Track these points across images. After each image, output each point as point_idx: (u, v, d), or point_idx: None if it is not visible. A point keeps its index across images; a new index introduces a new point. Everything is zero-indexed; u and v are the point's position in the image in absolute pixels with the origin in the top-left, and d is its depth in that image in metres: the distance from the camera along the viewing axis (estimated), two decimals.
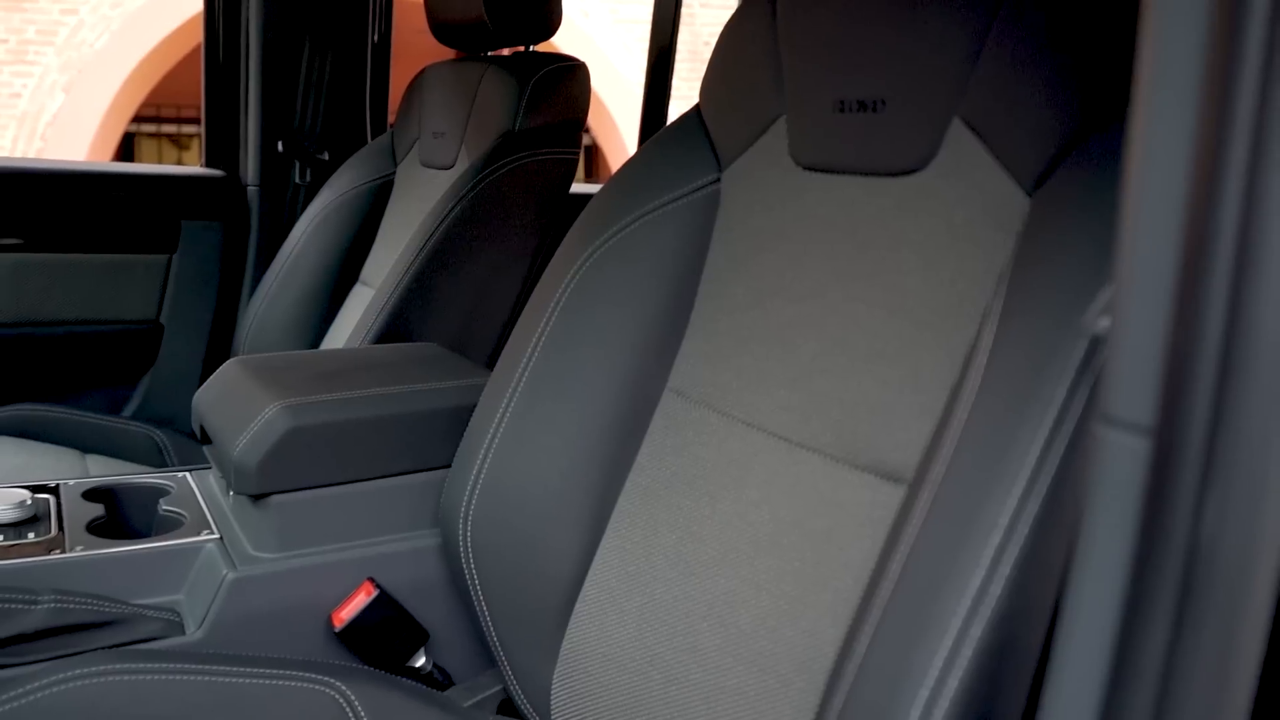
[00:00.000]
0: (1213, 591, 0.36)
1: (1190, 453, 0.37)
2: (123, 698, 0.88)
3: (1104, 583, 0.38)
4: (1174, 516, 0.37)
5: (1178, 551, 0.37)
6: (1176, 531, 0.37)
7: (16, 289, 1.86)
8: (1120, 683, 0.37)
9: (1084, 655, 0.38)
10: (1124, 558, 0.38)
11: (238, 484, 1.04)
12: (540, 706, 1.01)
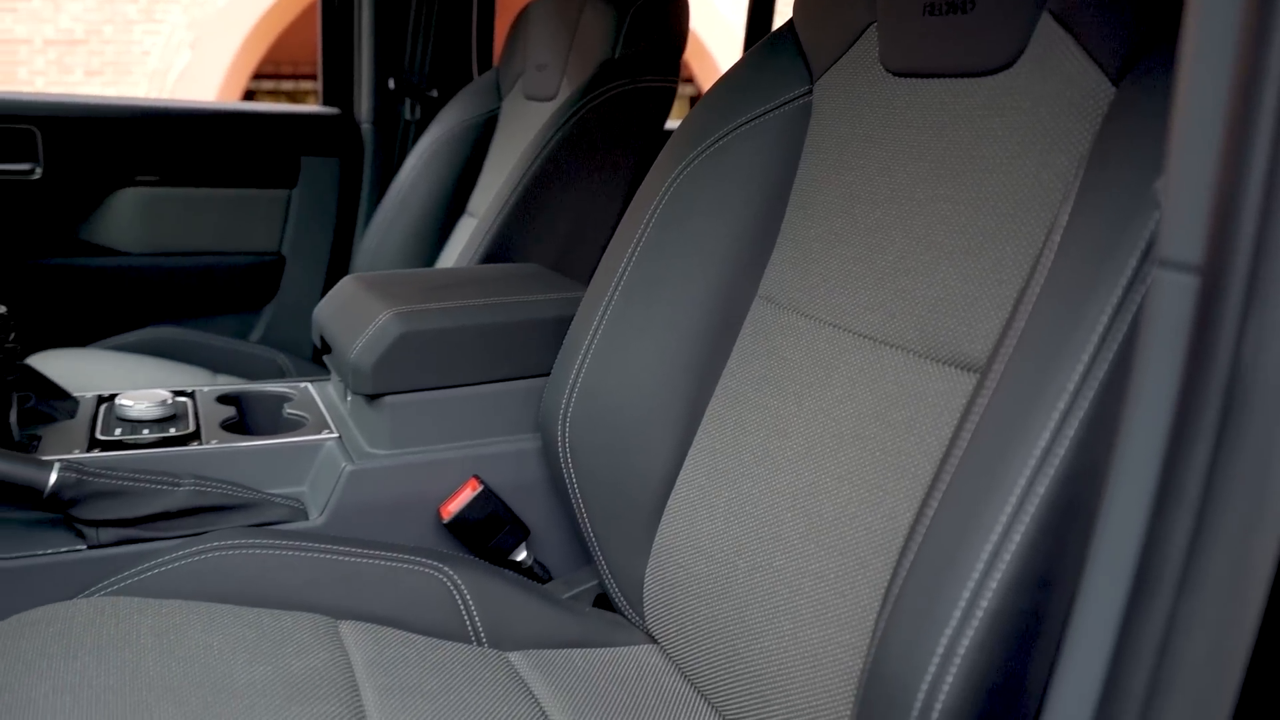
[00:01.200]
0: (1252, 410, 0.38)
1: (1233, 286, 0.39)
2: (254, 569, 0.97)
3: (1154, 408, 0.41)
4: (1218, 344, 0.39)
5: (1220, 375, 0.39)
6: (1220, 357, 0.39)
7: (153, 221, 2.00)
8: (1166, 493, 0.40)
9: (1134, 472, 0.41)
10: (1173, 385, 0.40)
11: (355, 384, 1.12)
12: (633, 599, 1.07)
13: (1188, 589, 0.40)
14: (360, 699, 0.84)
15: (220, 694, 0.78)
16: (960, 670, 0.57)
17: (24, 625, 0.83)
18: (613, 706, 0.94)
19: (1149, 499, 0.41)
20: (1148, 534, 0.41)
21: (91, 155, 1.97)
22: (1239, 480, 0.38)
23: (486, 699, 0.89)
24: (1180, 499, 0.39)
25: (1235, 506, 0.39)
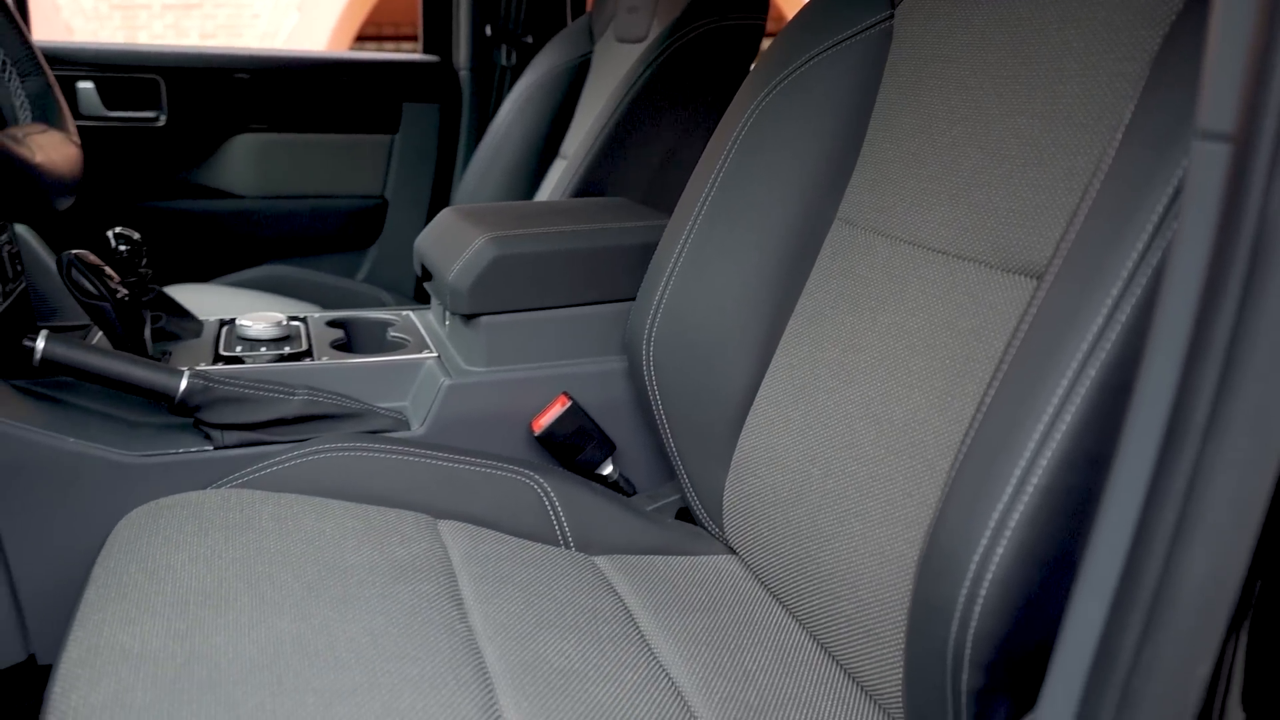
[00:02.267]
0: (1275, 262, 0.41)
1: (1261, 152, 0.41)
2: (361, 469, 1.05)
3: (1189, 267, 0.43)
4: (1246, 205, 0.42)
5: (1248, 233, 0.42)
6: (1248, 217, 0.42)
7: (266, 166, 2.11)
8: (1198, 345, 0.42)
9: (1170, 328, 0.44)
10: (1206, 244, 0.43)
11: (453, 305, 1.19)
12: (713, 511, 1.12)
13: (1213, 434, 0.43)
14: (456, 583, 0.91)
15: (333, 570, 0.86)
16: (1010, 543, 0.61)
17: (162, 508, 0.93)
18: (690, 605, 1.00)
19: (1183, 351, 0.44)
20: (1179, 386, 0.44)
21: (210, 104, 2.09)
22: (1264, 328, 0.41)
23: (572, 591, 0.96)
24: (1209, 347, 0.42)
25: (1260, 348, 0.41)
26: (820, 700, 0.87)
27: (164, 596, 0.77)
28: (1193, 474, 0.44)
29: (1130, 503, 0.46)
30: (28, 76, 0.82)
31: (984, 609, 0.62)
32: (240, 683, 0.68)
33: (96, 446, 1.05)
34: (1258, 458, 0.43)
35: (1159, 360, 0.45)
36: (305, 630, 0.76)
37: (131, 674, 0.68)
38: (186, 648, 0.71)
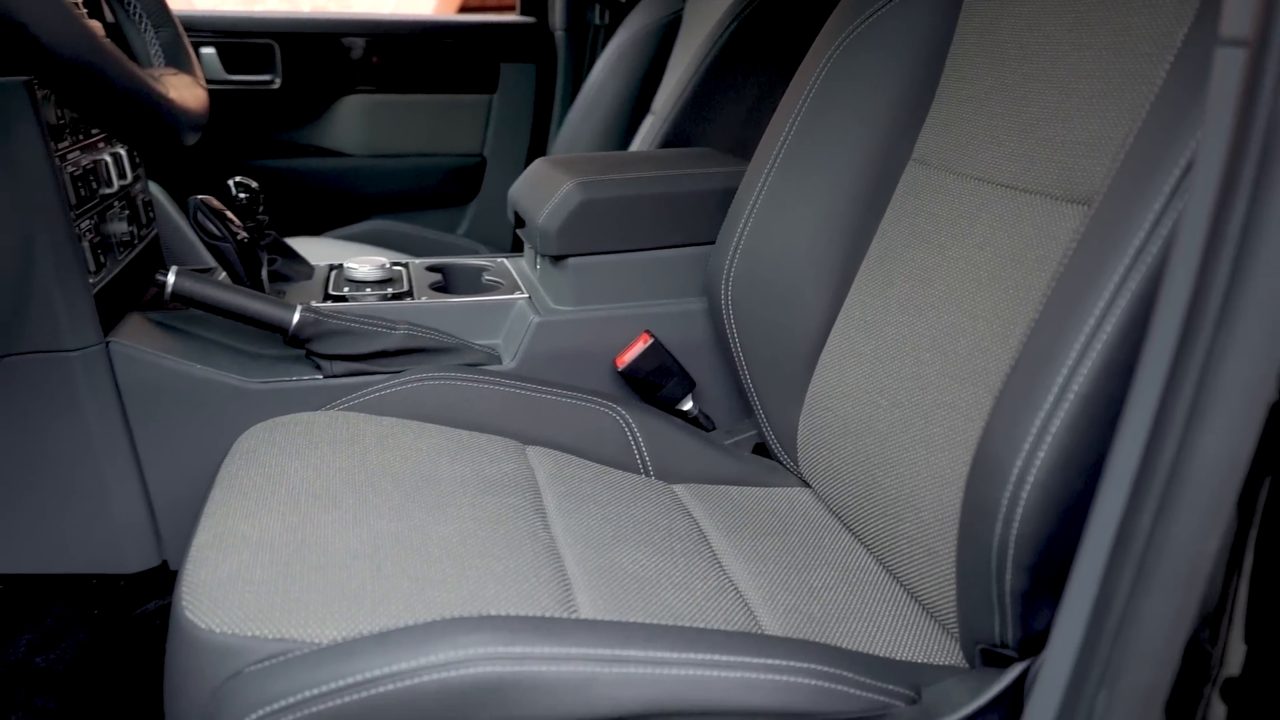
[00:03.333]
0: None
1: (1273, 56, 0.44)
2: (456, 397, 1.13)
3: (1209, 166, 0.46)
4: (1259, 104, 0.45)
5: (1260, 130, 0.44)
6: (1259, 116, 0.44)
7: (371, 126, 2.22)
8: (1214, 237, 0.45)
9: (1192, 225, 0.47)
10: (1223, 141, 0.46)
11: (542, 247, 1.25)
12: (788, 445, 1.16)
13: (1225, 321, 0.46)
14: (541, 498, 0.98)
15: (428, 481, 0.94)
16: (1051, 449, 0.64)
17: (278, 425, 1.02)
18: (761, 529, 1.05)
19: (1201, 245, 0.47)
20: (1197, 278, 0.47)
21: (321, 67, 2.20)
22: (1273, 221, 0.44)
23: (649, 511, 1.02)
24: (1224, 240, 0.45)
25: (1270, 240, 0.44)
26: (880, 614, 0.92)
27: (279, 496, 0.86)
28: (1206, 360, 0.47)
29: (1150, 391, 0.49)
30: (160, 27, 0.91)
31: (1025, 512, 0.65)
32: (344, 567, 0.76)
33: (221, 374, 1.15)
34: (1267, 343, 0.45)
35: (1181, 255, 0.48)
36: (402, 528, 0.83)
37: (251, 556, 0.76)
38: (298, 537, 0.79)
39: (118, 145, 1.25)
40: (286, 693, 0.65)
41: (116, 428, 1.12)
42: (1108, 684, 0.51)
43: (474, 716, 0.65)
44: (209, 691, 0.68)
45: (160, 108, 0.71)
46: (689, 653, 0.69)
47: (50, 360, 1.08)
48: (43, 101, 1.04)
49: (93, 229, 1.13)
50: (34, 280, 1.05)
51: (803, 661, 0.73)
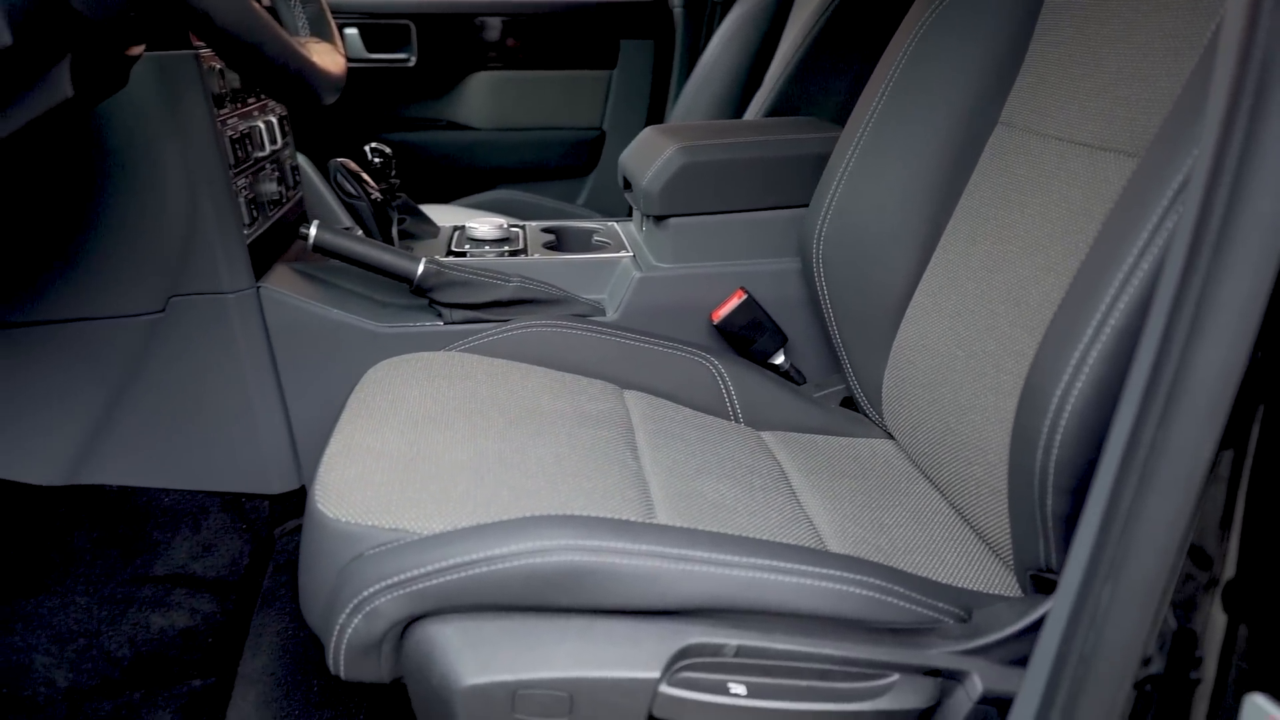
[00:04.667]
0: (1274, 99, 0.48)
1: None
2: (561, 343, 1.23)
3: (1217, 99, 0.51)
4: (1254, 46, 0.49)
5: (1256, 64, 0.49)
6: (1256, 51, 0.49)
7: (497, 101, 2.34)
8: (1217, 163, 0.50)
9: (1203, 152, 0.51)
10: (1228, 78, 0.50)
11: (645, 208, 1.34)
12: (873, 397, 1.22)
13: (1222, 246, 0.50)
14: (633, 434, 1.07)
15: (531, 412, 1.04)
16: (1088, 379, 0.69)
17: (402, 361, 1.14)
18: (840, 472, 1.11)
19: (1206, 177, 0.51)
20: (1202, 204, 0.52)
21: (453, 45, 2.34)
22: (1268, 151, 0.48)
23: (734, 450, 1.09)
24: (1224, 170, 0.50)
25: (1264, 168, 0.49)
26: (945, 550, 0.97)
27: (399, 417, 0.97)
28: (1204, 283, 0.51)
29: (1160, 312, 0.54)
30: (307, 3, 1.03)
31: (1064, 438, 0.70)
32: (450, 476, 0.86)
33: (354, 318, 1.28)
34: (1257, 264, 0.50)
35: (1191, 190, 0.52)
36: (505, 449, 0.93)
37: (374, 463, 0.88)
38: (414, 450, 0.90)
39: (270, 114, 1.39)
40: (398, 571, 0.75)
41: (264, 363, 1.26)
42: (1112, 578, 0.56)
43: (554, 598, 0.74)
44: (335, 571, 0.79)
45: (305, 71, 0.83)
46: (750, 557, 0.77)
47: (210, 301, 1.23)
48: (208, 73, 1.18)
49: (247, 187, 1.27)
50: (198, 230, 1.20)
51: (857, 574, 0.79)
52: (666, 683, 0.73)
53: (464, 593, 0.74)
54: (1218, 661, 0.56)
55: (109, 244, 1.18)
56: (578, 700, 0.72)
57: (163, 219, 1.18)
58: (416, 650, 0.76)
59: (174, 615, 1.31)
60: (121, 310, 1.21)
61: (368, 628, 0.76)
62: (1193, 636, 0.58)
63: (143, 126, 1.14)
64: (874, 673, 0.76)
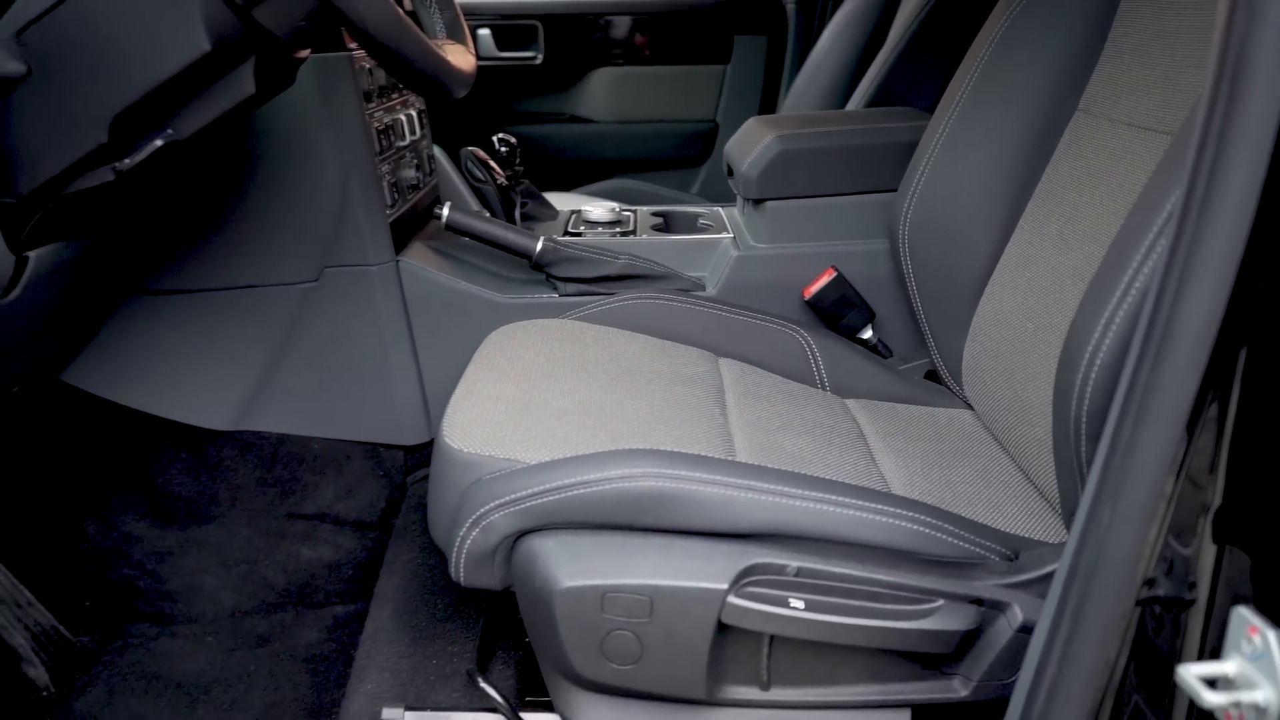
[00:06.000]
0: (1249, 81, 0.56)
1: None
2: (663, 314, 1.35)
3: (1211, 74, 0.59)
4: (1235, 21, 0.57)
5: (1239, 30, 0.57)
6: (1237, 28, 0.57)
7: (617, 95, 2.49)
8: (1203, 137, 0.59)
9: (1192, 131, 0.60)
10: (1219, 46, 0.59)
11: (744, 191, 1.45)
12: (954, 370, 1.30)
13: (1204, 212, 0.59)
14: (723, 395, 1.18)
15: (631, 371, 1.16)
16: (1115, 335, 0.77)
17: (519, 326, 1.28)
18: (917, 435, 1.20)
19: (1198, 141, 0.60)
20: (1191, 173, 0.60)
21: (577, 43, 2.50)
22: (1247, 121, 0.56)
23: (817, 412, 1.19)
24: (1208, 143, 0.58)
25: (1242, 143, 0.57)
26: (1007, 504, 1.05)
27: (515, 370, 1.11)
28: (1190, 244, 0.60)
29: (1160, 270, 0.63)
30: (445, 9, 1.18)
31: (1094, 388, 0.78)
32: (556, 418, 1.00)
33: (480, 290, 1.43)
34: (1230, 231, 0.58)
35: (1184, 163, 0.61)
36: (605, 399, 1.06)
37: (492, 405, 1.02)
38: (527, 397, 1.04)
39: (410, 108, 1.56)
40: (509, 492, 0.89)
41: (401, 328, 1.43)
42: (1111, 500, 0.65)
43: (639, 518, 0.86)
44: (458, 493, 0.93)
45: (440, 69, 0.97)
46: (812, 491, 0.88)
47: (356, 272, 1.40)
48: (358, 71, 1.35)
49: (390, 172, 1.44)
50: (348, 210, 1.37)
51: (910, 511, 0.89)
52: (734, 594, 0.84)
53: (563, 511, 0.87)
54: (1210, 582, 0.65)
55: (273, 222, 1.37)
56: (657, 604, 0.84)
57: (318, 200, 1.36)
58: (523, 559, 0.89)
59: (320, 549, 1.50)
60: (282, 279, 1.39)
61: (483, 539, 0.90)
62: (1189, 561, 0.66)
63: (303, 119, 1.32)
64: (921, 598, 0.86)
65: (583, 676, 0.88)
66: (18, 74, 0.91)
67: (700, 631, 0.84)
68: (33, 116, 0.94)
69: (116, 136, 0.95)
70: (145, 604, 1.45)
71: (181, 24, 0.89)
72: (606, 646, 0.86)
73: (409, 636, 1.14)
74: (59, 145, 0.95)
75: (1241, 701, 0.58)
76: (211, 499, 1.48)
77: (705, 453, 0.99)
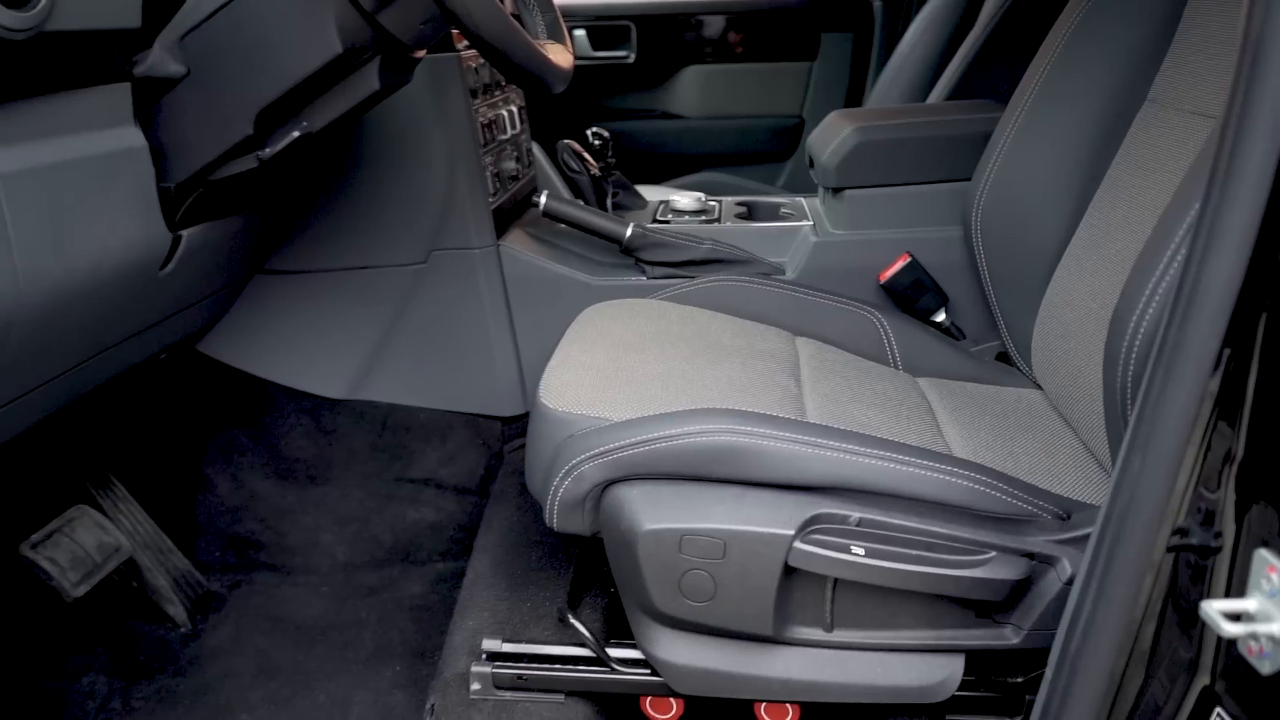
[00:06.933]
0: None
1: None
2: (744, 296, 1.43)
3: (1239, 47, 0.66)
4: None
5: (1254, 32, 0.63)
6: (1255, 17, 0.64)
7: (705, 92, 2.58)
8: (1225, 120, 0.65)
9: None
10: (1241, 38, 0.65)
11: (823, 181, 1.52)
12: (1024, 352, 1.35)
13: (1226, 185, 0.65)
14: (799, 369, 1.26)
15: (712, 345, 1.25)
16: (1158, 304, 0.83)
17: (609, 305, 1.38)
18: (984, 410, 1.26)
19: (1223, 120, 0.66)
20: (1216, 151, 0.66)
21: (667, 42, 2.59)
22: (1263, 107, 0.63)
23: (888, 387, 1.26)
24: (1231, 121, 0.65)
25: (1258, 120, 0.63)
26: (1066, 473, 1.11)
27: (604, 342, 1.22)
28: (1214, 215, 0.66)
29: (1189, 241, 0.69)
30: (546, 11, 1.29)
31: (1137, 357, 0.85)
32: (641, 383, 1.09)
33: (574, 272, 1.54)
34: (1251, 201, 0.64)
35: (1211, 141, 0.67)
36: (686, 369, 1.15)
37: (583, 372, 1.12)
38: (614, 365, 1.14)
39: (512, 104, 1.68)
40: (598, 445, 0.99)
41: (501, 307, 1.55)
42: (1141, 449, 0.72)
43: (714, 470, 0.96)
44: (553, 447, 1.04)
45: (542, 66, 1.07)
46: (874, 449, 0.96)
47: (461, 255, 1.52)
48: (466, 70, 1.47)
49: (493, 163, 1.56)
50: (454, 197, 1.49)
51: (967, 470, 0.96)
52: (800, 540, 0.92)
53: (646, 462, 0.97)
54: (1234, 529, 0.71)
55: (387, 208, 1.50)
56: (730, 547, 0.93)
57: (428, 188, 1.48)
58: (610, 506, 0.99)
59: (424, 510, 1.62)
60: (394, 261, 1.52)
61: (575, 488, 1.01)
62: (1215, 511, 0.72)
63: (416, 114, 1.45)
64: (974, 549, 0.93)
65: (662, 612, 0.98)
66: (179, 75, 1.05)
67: (769, 572, 0.93)
68: (190, 112, 1.07)
69: (259, 129, 1.08)
70: (267, 556, 1.60)
71: (318, 29, 1.01)
72: (684, 584, 0.95)
73: (506, 583, 1.25)
74: (211, 137, 1.08)
75: (1259, 633, 0.65)
76: (328, 462, 1.62)
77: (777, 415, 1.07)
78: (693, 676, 1.01)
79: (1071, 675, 0.78)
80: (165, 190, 1.10)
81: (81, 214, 0.95)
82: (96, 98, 0.98)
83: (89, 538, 1.40)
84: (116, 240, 1.02)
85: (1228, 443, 0.72)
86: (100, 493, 1.49)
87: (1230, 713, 0.70)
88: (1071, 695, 0.79)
